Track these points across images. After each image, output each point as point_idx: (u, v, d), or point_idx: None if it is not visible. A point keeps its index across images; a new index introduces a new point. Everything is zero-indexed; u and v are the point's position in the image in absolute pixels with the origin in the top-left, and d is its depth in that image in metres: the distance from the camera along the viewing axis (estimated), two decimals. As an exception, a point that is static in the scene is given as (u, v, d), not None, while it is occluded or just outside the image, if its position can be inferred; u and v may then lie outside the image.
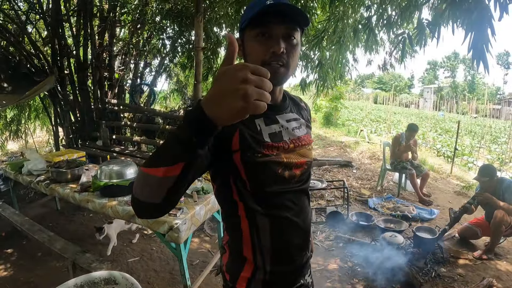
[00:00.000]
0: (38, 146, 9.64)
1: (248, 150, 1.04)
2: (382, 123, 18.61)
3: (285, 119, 1.17)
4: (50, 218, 4.59)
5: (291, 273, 1.21)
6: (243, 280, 1.15)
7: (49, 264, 3.49)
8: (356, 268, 3.52)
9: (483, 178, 3.93)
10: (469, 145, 12.72)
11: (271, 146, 1.08)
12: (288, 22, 1.02)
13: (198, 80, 4.46)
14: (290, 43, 1.04)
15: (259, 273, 1.14)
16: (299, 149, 1.16)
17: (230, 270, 1.19)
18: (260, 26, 1.01)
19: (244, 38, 1.07)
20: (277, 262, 1.15)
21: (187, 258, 2.57)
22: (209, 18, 5.14)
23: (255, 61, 1.02)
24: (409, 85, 75.23)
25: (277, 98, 1.17)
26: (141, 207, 0.87)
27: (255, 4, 1.03)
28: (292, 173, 1.13)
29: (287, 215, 1.14)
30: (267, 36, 1.01)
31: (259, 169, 1.07)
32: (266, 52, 1.01)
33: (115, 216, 2.66)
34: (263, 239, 1.12)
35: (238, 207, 1.12)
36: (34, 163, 3.67)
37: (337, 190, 5.79)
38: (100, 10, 6.26)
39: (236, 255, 1.17)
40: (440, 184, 7.01)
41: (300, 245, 1.21)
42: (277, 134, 1.11)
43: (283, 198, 1.13)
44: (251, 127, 1.07)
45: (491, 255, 3.79)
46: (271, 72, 0.88)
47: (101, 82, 6.33)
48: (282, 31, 1.02)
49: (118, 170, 2.83)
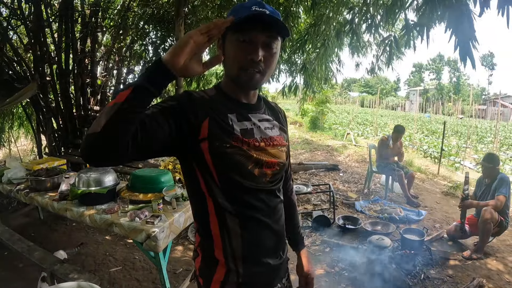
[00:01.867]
0: (22, 154, 9.46)
1: (217, 140, 1.05)
2: (369, 126, 18.78)
3: (258, 118, 1.18)
4: (33, 228, 4.47)
5: (265, 275, 1.21)
6: (216, 284, 1.14)
7: (29, 275, 3.36)
8: (343, 273, 3.49)
9: (489, 164, 4.03)
10: (455, 145, 12.87)
11: (241, 140, 1.09)
12: (269, 31, 1.06)
13: (179, 85, 4.44)
14: (269, 52, 1.08)
15: (232, 275, 1.13)
16: (270, 148, 1.17)
17: (203, 274, 1.18)
18: (242, 32, 1.04)
19: (226, 38, 1.09)
20: (249, 264, 1.15)
21: (169, 267, 2.51)
22: (190, 23, 5.10)
23: (233, 65, 1.08)
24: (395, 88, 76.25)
25: (251, 99, 1.20)
26: (85, 142, 0.87)
27: (241, 8, 1.06)
28: (262, 171, 1.14)
29: (258, 216, 1.14)
30: (248, 42, 1.04)
31: (227, 160, 1.07)
32: (245, 58, 1.05)
33: (93, 225, 2.58)
34: (234, 241, 1.12)
35: (207, 202, 1.12)
36: (14, 172, 3.57)
37: (323, 194, 5.76)
38: (82, 16, 6.16)
39: (208, 258, 1.16)
40: (427, 185, 7.04)
41: (273, 247, 1.21)
42: (248, 130, 1.13)
43: (253, 197, 1.13)
44: (223, 119, 1.09)
45: (481, 255, 3.80)
46: (247, 77, 1.07)
47: (83, 89, 6.21)
48: (262, 39, 1.05)
49: (96, 177, 2.76)
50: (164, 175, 2.88)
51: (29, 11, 5.91)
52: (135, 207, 2.60)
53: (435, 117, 30.88)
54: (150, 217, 2.39)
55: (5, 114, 8.13)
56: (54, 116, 6.22)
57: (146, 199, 2.66)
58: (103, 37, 7.07)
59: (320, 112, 15.60)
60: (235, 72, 1.08)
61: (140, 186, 2.78)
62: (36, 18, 5.59)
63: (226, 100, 1.14)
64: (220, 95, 1.15)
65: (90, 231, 4.33)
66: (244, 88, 1.14)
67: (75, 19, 6.04)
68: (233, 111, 1.12)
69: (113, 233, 3.60)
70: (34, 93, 5.58)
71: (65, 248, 3.81)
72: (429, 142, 13.54)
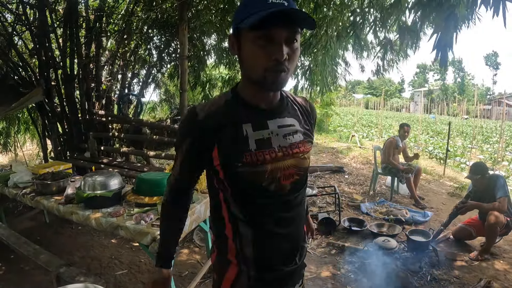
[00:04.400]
0: (28, 158, 9.52)
1: (228, 162, 1.04)
2: (374, 128, 18.72)
3: (278, 124, 1.10)
4: (39, 231, 4.49)
5: (277, 281, 1.19)
6: (227, 282, 1.16)
7: (35, 278, 3.40)
8: (350, 275, 3.46)
9: (475, 176, 3.93)
10: (461, 146, 12.81)
11: (254, 155, 1.04)
12: (292, 25, 0.96)
13: (184, 89, 4.45)
14: (292, 48, 0.98)
15: (243, 276, 1.14)
16: (289, 158, 1.10)
17: (217, 270, 1.22)
18: (261, 29, 0.93)
19: (241, 37, 1.00)
20: (261, 269, 1.14)
21: (175, 270, 2.51)
22: (193, 27, 5.12)
23: (256, 66, 0.99)
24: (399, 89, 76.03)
25: (272, 101, 1.12)
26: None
27: (255, 1, 0.95)
28: (279, 185, 1.09)
29: (271, 227, 1.12)
30: (269, 40, 0.95)
31: (240, 180, 1.05)
32: (269, 59, 0.95)
33: (99, 228, 2.59)
34: (246, 247, 1.12)
35: (222, 209, 1.13)
36: (20, 176, 3.60)
37: (329, 196, 5.74)
38: (86, 21, 6.20)
39: (222, 257, 1.18)
40: (433, 186, 7.00)
41: (287, 254, 1.18)
42: (265, 140, 1.06)
43: (267, 210, 1.11)
44: (236, 132, 1.04)
45: (488, 256, 3.77)
46: (273, 78, 0.98)
47: (88, 93, 6.24)
48: (285, 35, 0.95)
49: (102, 181, 2.77)
50: (169, 178, 2.88)
51: (34, 17, 5.99)
52: (141, 210, 2.61)
53: (440, 118, 30.76)
54: (155, 220, 2.39)
55: (11, 119, 8.19)
56: (59, 121, 6.26)
57: (151, 202, 2.67)
58: (107, 42, 7.12)
59: (325, 115, 15.54)
60: (259, 74, 0.99)
61: (146, 189, 2.78)
62: (41, 23, 5.64)
63: (242, 107, 1.08)
64: (236, 102, 1.09)
65: (95, 234, 4.34)
66: (270, 90, 1.07)
67: (80, 24, 6.08)
68: (249, 120, 1.06)
69: (118, 236, 3.61)
70: (40, 98, 5.61)
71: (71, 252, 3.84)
72: (435, 143, 13.48)
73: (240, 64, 1.08)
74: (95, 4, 6.47)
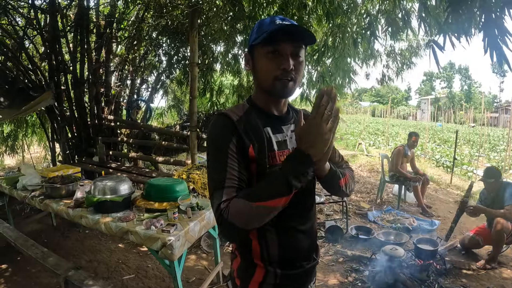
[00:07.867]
0: (35, 161, 9.60)
1: (262, 159, 1.13)
2: (380, 136, 18.65)
3: (290, 129, 1.25)
4: (46, 234, 4.53)
5: (300, 277, 1.26)
6: (255, 284, 1.21)
7: (43, 280, 3.43)
8: (357, 283, 3.45)
9: (489, 179, 3.94)
10: (468, 154, 12.72)
11: (278, 155, 1.17)
12: (296, 41, 1.12)
13: (194, 96, 4.47)
14: (297, 60, 1.14)
15: (270, 277, 1.20)
16: None
17: (241, 276, 1.25)
18: (271, 44, 1.11)
19: (254, 54, 1.18)
20: (286, 267, 1.21)
21: (182, 276, 2.52)
22: (204, 34, 5.15)
23: (267, 76, 1.14)
24: (406, 97, 75.71)
25: (282, 110, 1.27)
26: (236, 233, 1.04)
27: (265, 23, 1.15)
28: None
29: (293, 224, 1.22)
30: (277, 53, 1.11)
31: None
32: (277, 68, 1.12)
33: (108, 232, 2.60)
34: (271, 248, 1.19)
35: None
36: (29, 178, 3.63)
37: (336, 204, 5.73)
38: (96, 26, 6.27)
39: (247, 262, 1.23)
40: (440, 195, 6.97)
41: (307, 249, 1.27)
42: (283, 143, 1.21)
43: (294, 209, 1.18)
44: (263, 133, 1.16)
45: (495, 264, 3.75)
46: (282, 86, 1.14)
47: (97, 98, 6.30)
48: (291, 49, 1.12)
49: (112, 185, 2.79)
50: (179, 184, 2.89)
51: (45, 22, 6.05)
52: (151, 215, 2.62)
53: (447, 126, 30.60)
54: (165, 226, 2.40)
55: (19, 121, 8.26)
56: (68, 125, 6.32)
57: (161, 208, 2.68)
58: (117, 48, 7.19)
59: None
60: (269, 82, 1.14)
61: (155, 195, 2.79)
62: (52, 28, 5.71)
63: (260, 114, 1.21)
64: (254, 110, 1.21)
65: (103, 238, 4.36)
66: (279, 97, 1.20)
67: (90, 29, 6.15)
68: (268, 124, 1.20)
69: (126, 241, 3.63)
70: (50, 102, 5.66)
71: (78, 255, 3.86)
72: (441, 151, 13.40)
73: (253, 76, 1.24)
74: (106, 10, 6.53)
